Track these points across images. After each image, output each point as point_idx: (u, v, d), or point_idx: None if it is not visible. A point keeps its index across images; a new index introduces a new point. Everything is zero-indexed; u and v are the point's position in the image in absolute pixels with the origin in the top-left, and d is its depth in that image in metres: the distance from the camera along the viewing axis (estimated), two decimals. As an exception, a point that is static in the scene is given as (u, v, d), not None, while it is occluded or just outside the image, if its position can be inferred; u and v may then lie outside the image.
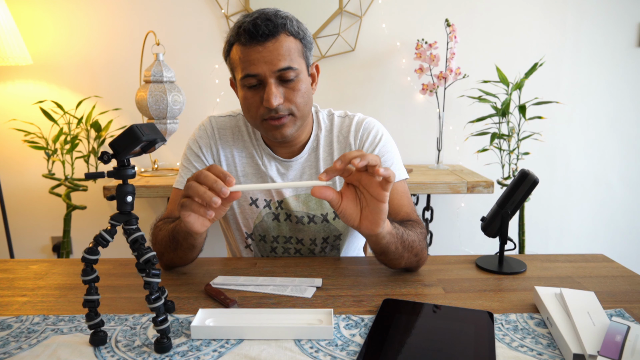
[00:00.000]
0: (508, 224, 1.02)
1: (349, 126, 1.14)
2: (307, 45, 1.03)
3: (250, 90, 1.00)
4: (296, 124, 1.04)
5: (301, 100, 1.01)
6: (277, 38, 0.96)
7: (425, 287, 0.95)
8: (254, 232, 1.16)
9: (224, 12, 2.19)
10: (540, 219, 2.44)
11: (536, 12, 2.26)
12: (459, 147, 2.34)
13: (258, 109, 1.00)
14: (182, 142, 2.26)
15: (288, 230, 1.15)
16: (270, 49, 0.96)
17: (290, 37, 0.98)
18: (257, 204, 1.13)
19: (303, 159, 1.14)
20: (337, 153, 1.13)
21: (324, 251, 1.19)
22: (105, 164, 0.67)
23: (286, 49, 0.97)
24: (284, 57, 0.97)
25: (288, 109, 1.00)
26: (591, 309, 0.77)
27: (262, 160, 1.13)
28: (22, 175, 2.29)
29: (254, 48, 0.96)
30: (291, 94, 1.00)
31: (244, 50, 0.97)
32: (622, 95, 2.35)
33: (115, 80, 2.23)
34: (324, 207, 1.13)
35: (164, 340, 0.72)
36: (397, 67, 2.28)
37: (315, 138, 1.14)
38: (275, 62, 0.96)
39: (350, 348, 0.72)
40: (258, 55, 0.96)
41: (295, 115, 1.02)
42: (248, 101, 1.01)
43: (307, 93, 1.03)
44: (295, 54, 0.99)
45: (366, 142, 1.12)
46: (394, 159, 1.13)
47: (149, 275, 0.71)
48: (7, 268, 1.07)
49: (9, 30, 1.95)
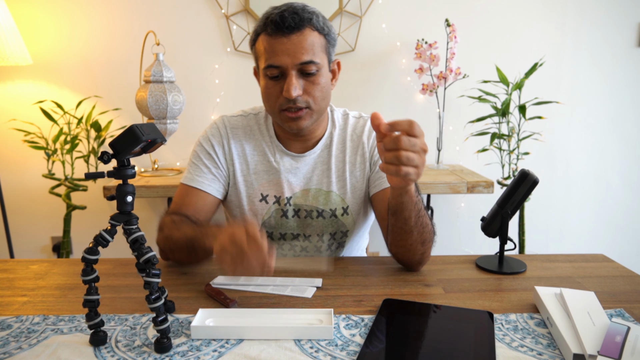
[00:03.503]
0: (508, 224, 1.02)
1: (362, 126, 1.17)
2: (331, 41, 1.06)
3: (271, 80, 1.03)
4: (312, 118, 1.06)
5: (319, 95, 1.03)
6: (302, 31, 0.99)
7: (425, 287, 0.95)
8: (260, 229, 1.16)
9: (224, 12, 2.19)
10: (540, 219, 2.44)
11: (536, 12, 2.26)
12: (459, 147, 2.34)
13: (277, 99, 1.03)
14: (182, 142, 2.26)
15: (295, 227, 1.16)
16: (294, 41, 0.98)
17: (315, 31, 1.01)
18: (267, 200, 1.14)
19: (316, 154, 1.15)
20: (350, 151, 1.15)
21: (330, 248, 1.19)
22: (105, 164, 0.67)
23: (310, 43, 0.99)
24: (307, 51, 0.99)
25: (306, 101, 1.02)
26: (591, 309, 0.77)
27: (275, 157, 1.14)
28: (22, 175, 2.29)
29: (279, 39, 0.99)
30: (311, 87, 1.02)
31: (270, 40, 1.00)
32: (622, 95, 2.35)
33: (115, 80, 2.23)
34: (333, 202, 1.15)
35: (164, 340, 0.72)
36: (397, 67, 2.28)
37: (329, 135, 1.16)
38: (298, 55, 0.99)
39: (350, 348, 0.72)
40: (282, 47, 0.99)
41: (312, 109, 1.04)
42: (269, 90, 1.04)
43: (326, 88, 1.05)
44: (319, 48, 1.01)
45: (375, 145, 1.15)
46: None
47: (149, 275, 0.71)
48: (7, 268, 1.07)
49: (9, 30, 1.95)
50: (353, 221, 1.17)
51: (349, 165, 1.15)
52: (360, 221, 1.19)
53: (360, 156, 1.15)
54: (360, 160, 1.15)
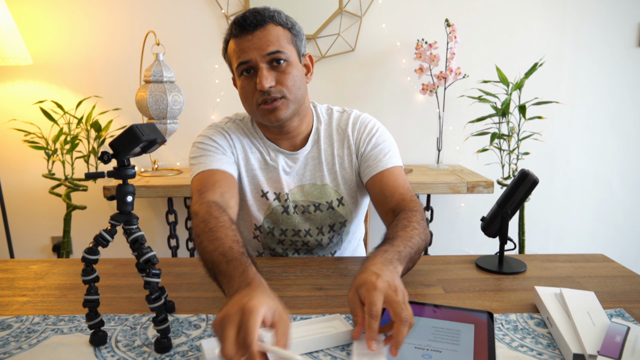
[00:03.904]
0: (508, 224, 1.02)
1: (347, 120, 1.20)
2: (296, 34, 1.09)
3: (245, 79, 1.06)
4: (289, 108, 1.07)
5: (292, 84, 1.05)
6: (265, 27, 1.03)
7: (425, 287, 0.95)
8: (262, 224, 1.18)
9: (224, 12, 2.19)
10: (540, 219, 2.44)
11: (536, 12, 2.26)
12: (459, 147, 2.34)
13: (254, 95, 1.06)
14: (182, 142, 2.26)
15: (297, 223, 1.18)
16: (259, 36, 1.03)
17: (279, 26, 1.05)
18: (268, 196, 1.16)
19: (307, 151, 1.18)
20: (337, 144, 1.18)
21: (332, 241, 1.22)
22: (105, 164, 0.67)
23: (274, 36, 1.04)
24: (272, 43, 1.03)
25: (280, 91, 1.04)
26: (591, 309, 0.77)
27: (270, 155, 1.17)
28: (22, 175, 2.29)
29: (245, 37, 1.03)
30: (282, 77, 1.05)
31: (237, 41, 1.05)
32: (622, 95, 2.35)
33: (115, 80, 2.23)
34: (328, 194, 1.17)
35: (164, 340, 0.72)
36: (397, 67, 2.28)
37: (316, 131, 1.19)
38: (264, 47, 1.03)
39: (350, 348, 0.72)
40: (248, 44, 1.03)
41: (288, 98, 1.06)
42: (244, 89, 1.07)
43: (299, 78, 1.08)
44: (284, 41, 1.05)
45: (363, 134, 1.17)
46: (391, 147, 1.17)
47: (149, 275, 0.71)
48: (7, 268, 1.07)
49: (9, 30, 1.95)
50: (349, 210, 1.20)
51: (338, 159, 1.18)
52: (355, 210, 1.23)
53: (347, 148, 1.18)
54: (347, 153, 1.18)
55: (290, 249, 1.22)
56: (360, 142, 1.17)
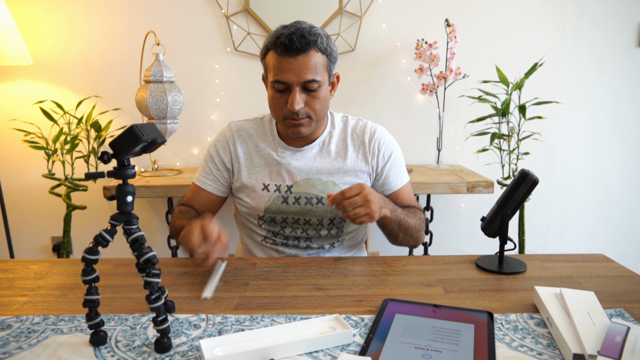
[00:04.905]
0: (508, 224, 1.02)
1: (363, 127, 1.31)
2: (332, 60, 1.19)
3: (278, 92, 1.17)
4: (312, 125, 1.21)
5: (319, 107, 1.18)
6: (307, 53, 1.12)
7: (425, 287, 0.95)
8: (264, 214, 1.27)
9: (224, 12, 2.19)
10: (540, 219, 2.44)
11: (536, 12, 2.26)
12: (459, 147, 2.34)
13: (282, 109, 1.17)
14: (182, 142, 2.26)
15: (296, 212, 1.26)
16: (300, 62, 1.12)
17: (319, 52, 1.14)
18: (269, 188, 1.26)
19: (316, 148, 1.28)
20: (351, 147, 1.28)
21: (330, 232, 1.30)
22: (105, 164, 0.67)
23: (313, 63, 1.13)
24: (311, 71, 1.13)
25: (307, 113, 1.17)
26: (591, 309, 0.77)
27: (277, 152, 1.28)
28: (22, 175, 2.29)
29: (287, 59, 1.12)
30: (311, 101, 1.16)
31: (278, 58, 1.13)
32: (622, 95, 2.35)
33: (115, 80, 2.23)
34: (331, 190, 1.26)
35: (164, 340, 0.72)
36: (397, 67, 2.28)
37: (328, 134, 1.30)
38: (302, 75, 1.12)
39: (350, 348, 0.73)
40: (289, 66, 1.12)
41: (312, 118, 1.19)
42: (275, 101, 1.18)
43: (325, 100, 1.19)
44: (321, 67, 1.15)
45: (379, 155, 1.29)
46: (403, 163, 1.34)
47: (149, 275, 0.71)
48: (7, 268, 1.07)
49: (9, 30, 1.95)
50: None
51: (350, 161, 1.27)
52: None
53: (362, 155, 1.28)
54: (362, 159, 1.28)
55: (291, 235, 1.29)
56: (379, 157, 1.28)
